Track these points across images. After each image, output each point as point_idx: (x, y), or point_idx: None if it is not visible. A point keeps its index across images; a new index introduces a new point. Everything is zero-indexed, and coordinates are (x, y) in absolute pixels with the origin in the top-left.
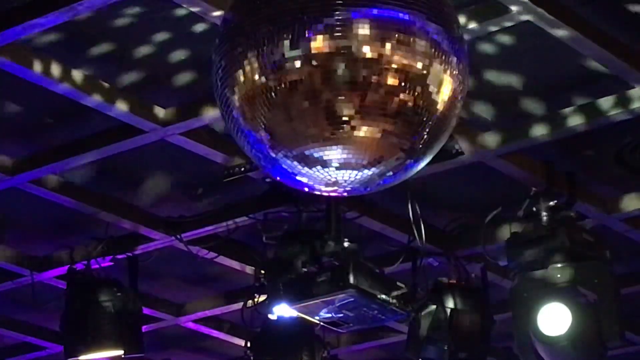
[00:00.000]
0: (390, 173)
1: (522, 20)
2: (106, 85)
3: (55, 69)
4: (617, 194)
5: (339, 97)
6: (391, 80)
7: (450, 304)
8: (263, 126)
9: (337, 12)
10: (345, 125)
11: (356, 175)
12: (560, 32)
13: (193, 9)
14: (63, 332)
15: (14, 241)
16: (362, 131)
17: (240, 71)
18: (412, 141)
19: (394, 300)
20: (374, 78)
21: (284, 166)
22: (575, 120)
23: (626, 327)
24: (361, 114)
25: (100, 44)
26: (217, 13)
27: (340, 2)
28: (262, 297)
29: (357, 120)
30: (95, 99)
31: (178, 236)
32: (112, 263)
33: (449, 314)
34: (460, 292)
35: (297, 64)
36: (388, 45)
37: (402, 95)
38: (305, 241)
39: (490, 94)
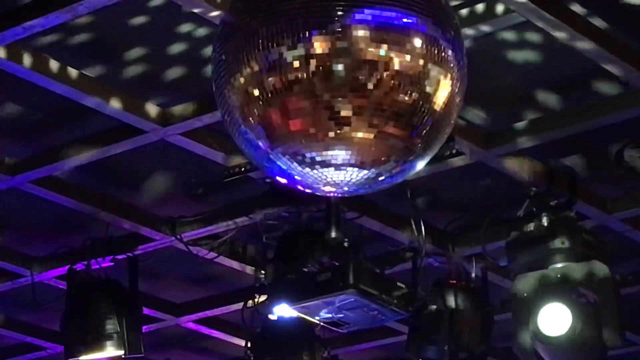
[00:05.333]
0: (389, 173)
1: (522, 20)
2: (106, 85)
3: (55, 69)
4: (617, 194)
5: (338, 98)
6: (390, 81)
7: (450, 304)
8: (262, 126)
9: (336, 13)
10: (344, 125)
11: (355, 175)
12: (560, 32)
13: (193, 10)
14: (63, 332)
15: (14, 241)
16: (361, 132)
17: (240, 71)
18: (411, 142)
19: (395, 301)
20: (373, 79)
21: (282, 166)
22: (576, 120)
23: (626, 327)
24: (360, 114)
25: (101, 44)
26: (217, 13)
27: (339, 3)
28: (262, 297)
29: (356, 120)
30: (95, 99)
31: (178, 236)
32: (112, 263)
33: (449, 314)
34: (461, 292)
35: (296, 64)
36: (387, 46)
37: (400, 96)
38: (305, 241)
39: (489, 93)
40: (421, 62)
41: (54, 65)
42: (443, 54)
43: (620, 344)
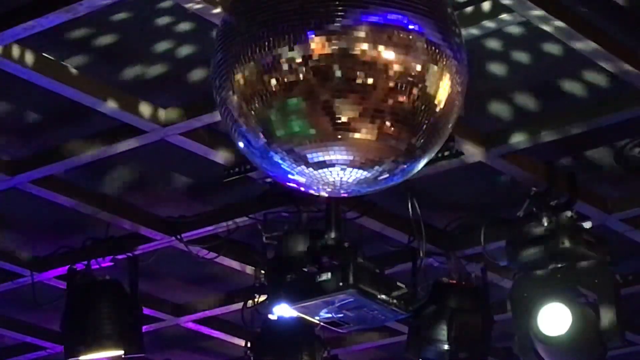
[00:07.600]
0: (390, 174)
1: (521, 19)
2: (106, 85)
3: (55, 69)
4: (617, 194)
5: (337, 99)
6: (389, 82)
7: (450, 304)
8: (261, 126)
9: (335, 14)
10: (343, 126)
11: (354, 176)
12: (559, 32)
13: (194, 9)
14: (63, 332)
15: (14, 241)
16: (360, 132)
17: (239, 71)
18: (411, 142)
19: (394, 301)
20: (372, 79)
21: (282, 167)
22: (575, 120)
23: (626, 327)
24: (359, 115)
25: (100, 44)
26: (218, 13)
27: (338, 3)
28: (262, 297)
29: (355, 121)
30: (95, 98)
31: (178, 236)
32: (112, 263)
33: (449, 314)
34: (460, 292)
35: (295, 65)
36: (386, 47)
37: (400, 97)
38: (305, 241)
39: (489, 93)
40: (421, 62)
41: (54, 65)
42: (443, 54)
43: (620, 344)
